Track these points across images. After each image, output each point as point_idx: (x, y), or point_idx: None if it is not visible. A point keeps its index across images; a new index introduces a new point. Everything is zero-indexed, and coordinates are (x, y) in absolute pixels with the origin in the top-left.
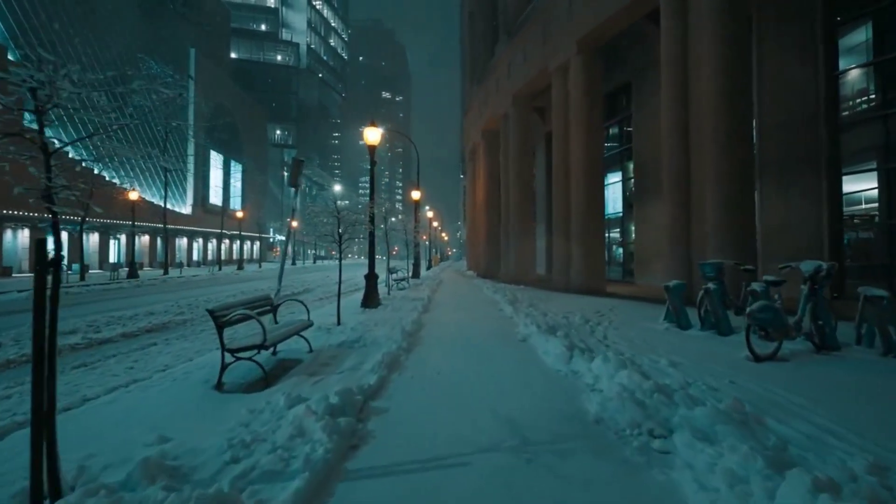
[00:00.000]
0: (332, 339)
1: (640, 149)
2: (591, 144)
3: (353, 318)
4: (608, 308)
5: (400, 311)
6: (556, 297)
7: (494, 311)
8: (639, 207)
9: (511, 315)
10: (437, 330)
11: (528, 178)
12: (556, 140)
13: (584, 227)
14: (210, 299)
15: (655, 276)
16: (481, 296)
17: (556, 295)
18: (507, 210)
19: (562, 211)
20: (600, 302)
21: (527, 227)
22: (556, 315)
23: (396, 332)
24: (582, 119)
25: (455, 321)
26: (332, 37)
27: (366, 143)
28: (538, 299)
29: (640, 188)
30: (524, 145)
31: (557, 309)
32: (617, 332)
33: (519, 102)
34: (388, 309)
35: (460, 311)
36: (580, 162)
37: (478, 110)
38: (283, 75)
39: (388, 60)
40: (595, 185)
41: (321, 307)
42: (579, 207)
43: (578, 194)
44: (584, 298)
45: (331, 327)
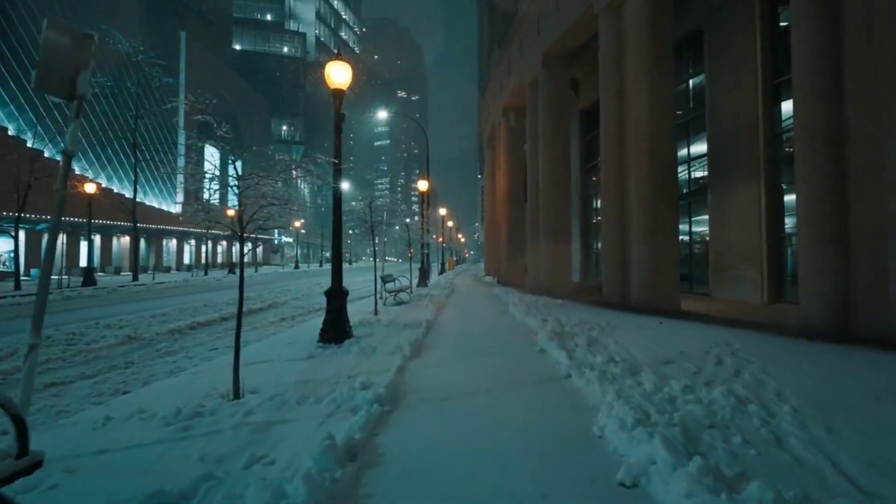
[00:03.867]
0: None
1: (716, 114)
2: (659, 103)
3: (279, 376)
4: (736, 350)
5: (372, 357)
6: (617, 322)
7: (532, 356)
8: (716, 193)
9: (566, 367)
10: (422, 425)
11: (563, 160)
12: (606, 104)
13: (650, 219)
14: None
15: (743, 287)
16: (505, 319)
17: (612, 316)
18: (534, 203)
19: (614, 198)
20: (699, 333)
21: (561, 224)
22: (654, 369)
23: (323, 452)
24: (644, 69)
25: (461, 387)
26: (344, 29)
27: (329, 86)
28: (594, 326)
29: (717, 167)
30: (558, 119)
31: (640, 349)
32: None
33: (551, 64)
34: (354, 350)
35: (472, 356)
36: (643, 127)
37: (498, 83)
38: (290, 68)
39: (403, 59)
40: (665, 158)
41: (260, 338)
42: (643, 191)
43: (641, 173)
44: (664, 325)
45: (199, 411)
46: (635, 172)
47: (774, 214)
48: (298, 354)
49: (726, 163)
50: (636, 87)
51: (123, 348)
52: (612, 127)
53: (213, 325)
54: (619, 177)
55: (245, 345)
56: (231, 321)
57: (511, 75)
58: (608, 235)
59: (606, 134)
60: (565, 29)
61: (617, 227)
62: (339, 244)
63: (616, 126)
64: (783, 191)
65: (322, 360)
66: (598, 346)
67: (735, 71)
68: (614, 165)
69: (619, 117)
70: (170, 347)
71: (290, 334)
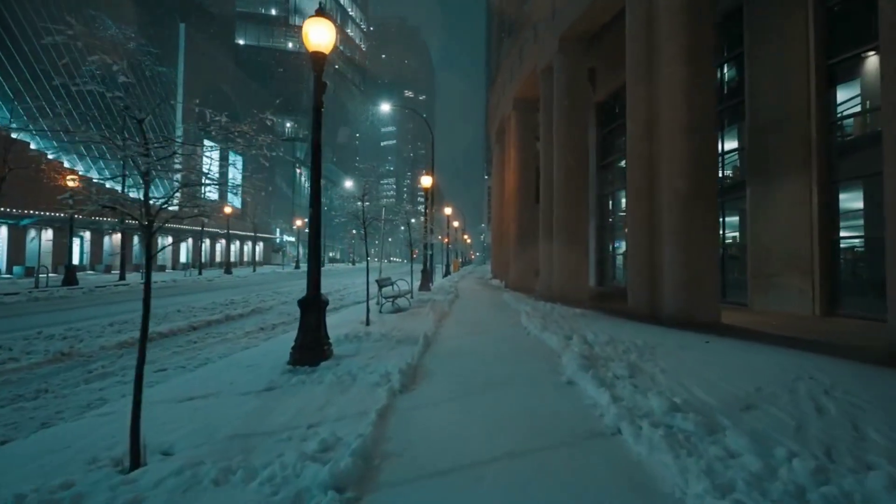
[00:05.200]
0: None
1: (758, 100)
2: (698, 86)
3: (214, 423)
4: (827, 387)
5: (350, 390)
6: (654, 340)
7: (560, 392)
8: (756, 190)
9: (611, 416)
10: None
11: (580, 154)
12: (634, 89)
13: (685, 219)
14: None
15: (788, 297)
16: (518, 333)
17: (645, 332)
18: (548, 201)
19: (641, 195)
20: (760, 358)
21: (578, 224)
22: (737, 421)
23: None
24: (682, 43)
25: (466, 449)
26: (350, 26)
27: (307, 49)
28: (629, 346)
29: (758, 160)
30: (575, 108)
31: (699, 383)
32: None
33: (568, 48)
34: (328, 378)
35: (480, 390)
36: (679, 116)
37: (508, 73)
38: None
39: (411, 59)
40: (704, 151)
41: (224, 354)
42: (677, 188)
43: (676, 168)
44: (711, 345)
45: None
46: (668, 167)
47: (828, 214)
48: (255, 384)
49: (769, 156)
50: (671, 69)
51: (49, 368)
52: (640, 116)
53: (176, 336)
54: (648, 171)
55: (199, 366)
56: (203, 330)
57: (523, 63)
58: (634, 238)
59: (634, 124)
60: (585, 8)
61: (644, 228)
62: (317, 242)
63: (644, 114)
64: (839, 187)
65: (282, 395)
66: (642, 376)
67: (781, 51)
68: (642, 159)
69: (648, 104)
70: (108, 367)
71: (257, 352)
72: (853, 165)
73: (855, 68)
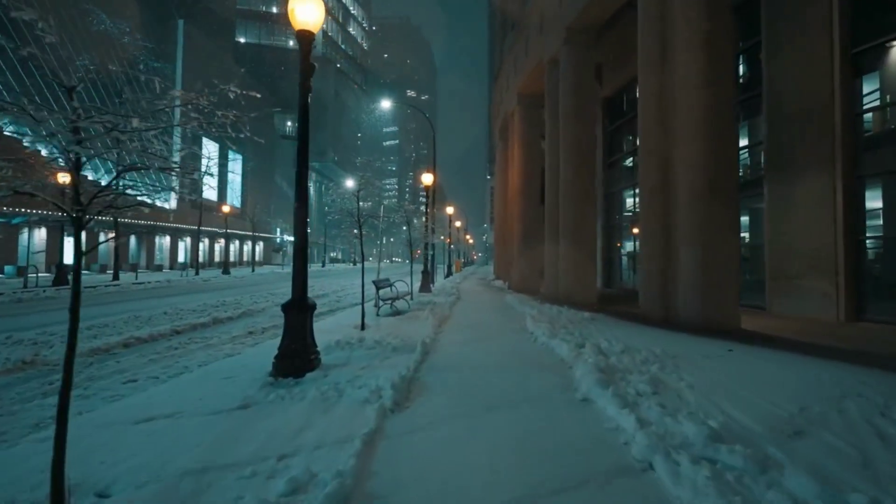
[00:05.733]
0: None
1: (777, 92)
2: (717, 74)
3: (170, 452)
4: (882, 407)
5: (334, 408)
6: (674, 349)
7: (575, 412)
8: (775, 187)
9: (639, 446)
10: None
11: (587, 149)
12: (646, 78)
13: (703, 217)
14: None
15: (810, 300)
16: (524, 340)
17: (662, 339)
18: (553, 198)
19: (655, 192)
20: (795, 369)
21: (585, 222)
22: (789, 451)
23: None
24: (700, 28)
25: (469, 489)
26: (352, 24)
27: (294, 27)
28: (648, 356)
29: (777, 155)
30: (582, 102)
31: (733, 401)
32: None
33: (575, 39)
34: (311, 393)
35: (484, 410)
36: (696, 106)
37: (512, 67)
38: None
39: (413, 58)
40: (723, 144)
41: (204, 362)
42: (694, 184)
43: (693, 162)
44: (736, 353)
45: None
46: (684, 161)
47: (853, 212)
48: (228, 400)
49: (789, 150)
50: (687, 55)
51: (5, 379)
52: (652, 108)
53: (156, 342)
54: (662, 167)
55: (174, 376)
56: (187, 334)
57: (528, 56)
58: (647, 237)
59: (646, 117)
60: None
61: (658, 227)
62: (303, 239)
63: (657, 106)
64: (865, 183)
65: (256, 415)
66: (668, 392)
67: (802, 39)
68: (655, 154)
69: (660, 94)
70: None
71: (239, 360)
72: (880, 160)
73: (882, 57)
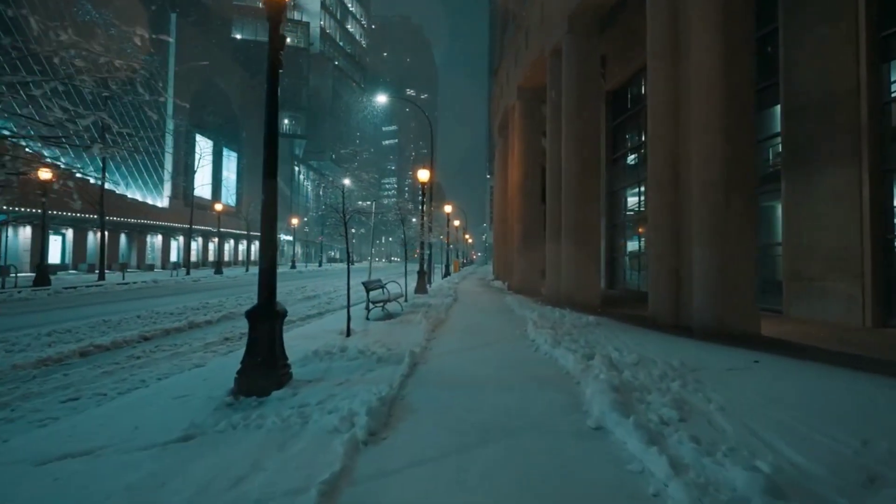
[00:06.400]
0: None
1: (795, 79)
2: (736, 58)
3: None
4: None
5: (294, 441)
6: (693, 361)
7: (589, 444)
8: (793, 182)
9: (676, 499)
10: None
11: (591, 144)
12: (657, 65)
13: (719, 215)
14: None
15: (832, 304)
16: (526, 348)
17: (678, 348)
18: (555, 196)
19: (665, 188)
20: (836, 385)
21: (589, 221)
22: None
23: None
24: (715, 6)
25: None
26: (350, 22)
27: None
28: (666, 370)
29: (796, 148)
30: (586, 94)
31: (780, 432)
32: None
33: (578, 27)
34: (270, 420)
35: (479, 444)
36: (713, 94)
37: (512, 59)
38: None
39: (413, 57)
40: (742, 134)
41: (165, 374)
42: (709, 179)
43: (707, 155)
44: (763, 366)
45: None
46: (699, 154)
47: (882, 209)
48: (170, 428)
49: (808, 143)
50: (702, 39)
51: None
52: (663, 97)
53: (118, 350)
54: (673, 160)
55: (127, 391)
56: (155, 341)
57: (529, 48)
58: (656, 236)
59: (656, 107)
60: None
61: (669, 225)
62: (272, 226)
63: (668, 95)
64: (894, 177)
65: (196, 452)
66: (697, 418)
67: (824, 23)
68: (666, 146)
69: (673, 81)
70: (3, 397)
71: (200, 374)
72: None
73: None
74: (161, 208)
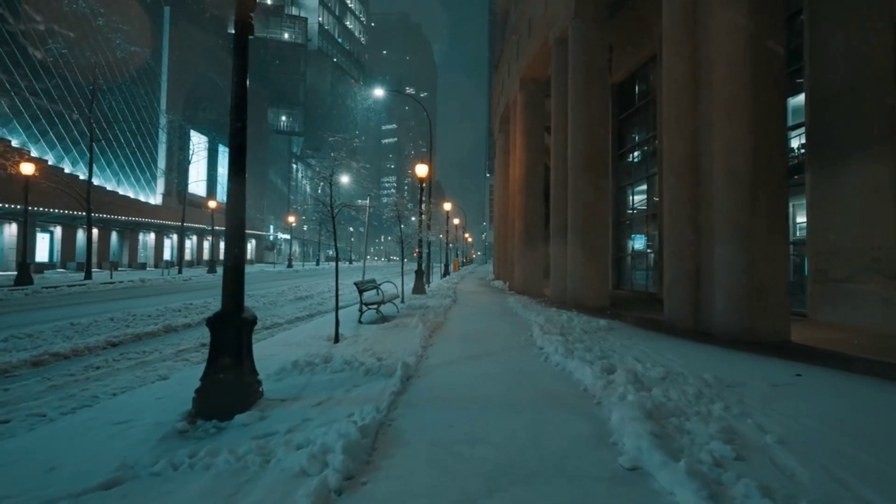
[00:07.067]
0: None
1: (822, 63)
2: (763, 29)
3: None
4: None
5: (252, 487)
6: (728, 374)
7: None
8: (819, 175)
9: None
10: None
11: (600, 135)
12: (672, 39)
13: (746, 208)
14: None
15: (865, 307)
16: (533, 357)
17: (706, 357)
18: (560, 191)
19: (682, 180)
20: None
21: (597, 217)
22: None
23: None
24: None
25: None
26: (349, 18)
27: None
28: (701, 388)
29: (823, 137)
30: (594, 83)
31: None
32: None
33: (586, 11)
34: (222, 458)
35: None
36: (738, 71)
37: (514, 50)
38: (291, 55)
39: (412, 56)
40: (771, 118)
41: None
42: (735, 169)
43: (733, 141)
44: (806, 379)
45: None
46: (721, 142)
47: None
48: (95, 471)
49: (838, 132)
50: (725, 10)
51: None
52: (679, 74)
53: (78, 359)
54: (691, 149)
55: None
56: (122, 347)
57: (532, 37)
58: (673, 233)
59: (671, 85)
60: None
61: (687, 220)
62: (238, 226)
63: (687, 75)
64: None
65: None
66: (757, 457)
67: (854, 3)
68: (684, 132)
69: (691, 59)
70: None
71: (161, 389)
72: None
73: None
74: (154, 205)
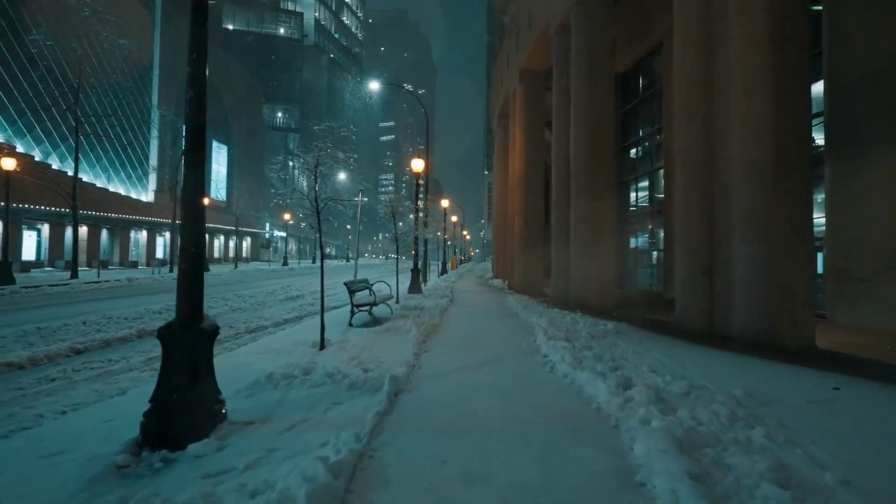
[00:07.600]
0: None
1: (842, 50)
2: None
3: None
4: None
5: None
6: (759, 387)
7: None
8: (839, 168)
9: None
10: None
11: (603, 127)
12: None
13: (768, 201)
14: None
15: (891, 308)
16: (537, 365)
17: (724, 363)
18: (562, 187)
19: (696, 171)
20: None
21: (601, 213)
22: None
23: None
24: None
25: None
26: (346, 13)
27: None
28: (734, 408)
29: (843, 128)
30: (598, 72)
31: None
32: None
33: None
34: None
35: None
36: (758, 51)
37: (514, 42)
38: (286, 51)
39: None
40: (795, 99)
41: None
42: (755, 157)
43: (753, 126)
44: (845, 393)
45: None
46: (742, 123)
47: None
48: None
49: (859, 121)
50: None
51: None
52: (691, 57)
53: (33, 369)
54: (705, 136)
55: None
56: (87, 355)
57: (532, 25)
58: (685, 229)
59: (683, 63)
60: None
61: (700, 214)
62: (194, 223)
63: (700, 58)
64: None
65: None
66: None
67: None
68: (695, 119)
69: (704, 39)
70: None
71: (114, 408)
72: None
73: None
74: (145, 203)
